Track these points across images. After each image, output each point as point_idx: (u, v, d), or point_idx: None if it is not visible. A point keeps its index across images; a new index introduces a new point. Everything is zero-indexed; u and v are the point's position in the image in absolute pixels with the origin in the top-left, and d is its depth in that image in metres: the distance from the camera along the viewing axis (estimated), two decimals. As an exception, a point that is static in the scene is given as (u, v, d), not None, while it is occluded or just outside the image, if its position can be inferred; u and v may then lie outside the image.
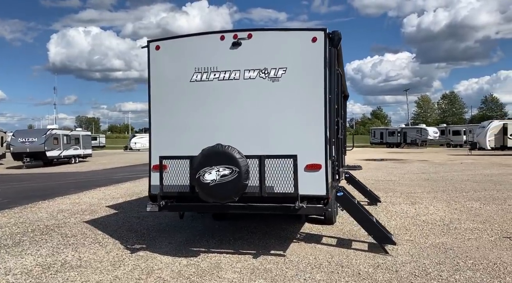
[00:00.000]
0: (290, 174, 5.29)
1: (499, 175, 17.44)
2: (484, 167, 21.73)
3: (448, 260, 5.59)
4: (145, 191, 13.10)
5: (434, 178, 16.52)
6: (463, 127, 59.40)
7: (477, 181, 15.04)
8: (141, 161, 33.53)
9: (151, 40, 6.00)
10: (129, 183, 16.00)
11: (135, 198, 11.89)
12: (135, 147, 65.73)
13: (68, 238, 7.13)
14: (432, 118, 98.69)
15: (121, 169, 24.78)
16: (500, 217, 8.49)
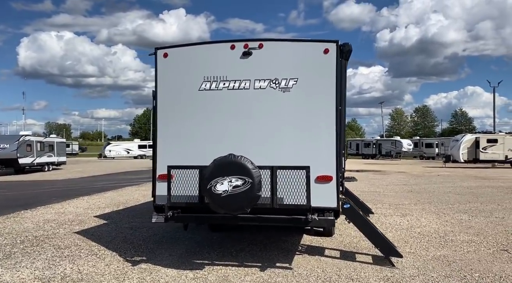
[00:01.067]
0: (302, 185, 5.24)
1: (477, 187, 17.87)
2: (461, 179, 22.25)
3: (454, 273, 5.62)
4: (131, 201, 12.86)
5: (417, 189, 16.79)
6: (436, 140, 60.93)
7: (459, 193, 15.36)
8: (118, 169, 32.90)
9: (158, 48, 5.88)
10: (112, 192, 15.60)
11: (122, 207, 11.58)
12: (110, 154, 64.57)
13: (62, 249, 6.84)
14: (405, 131, 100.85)
15: (99, 178, 24.20)
16: (491, 229, 8.65)
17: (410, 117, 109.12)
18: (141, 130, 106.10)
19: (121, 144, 71.00)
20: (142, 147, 67.07)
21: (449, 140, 53.81)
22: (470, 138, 36.72)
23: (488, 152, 35.80)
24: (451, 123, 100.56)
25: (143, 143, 69.89)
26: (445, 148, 53.96)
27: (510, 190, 16.76)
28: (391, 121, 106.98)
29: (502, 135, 37.76)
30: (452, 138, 43.61)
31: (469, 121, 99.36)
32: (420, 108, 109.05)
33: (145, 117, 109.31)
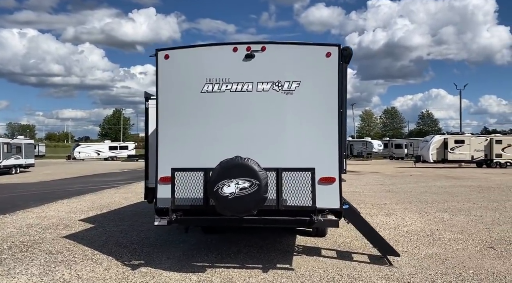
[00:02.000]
0: (308, 187, 5.30)
1: (451, 186, 18.49)
2: (433, 179, 22.95)
3: (450, 271, 5.82)
4: (114, 204, 12.63)
5: (394, 189, 17.21)
6: (405, 141, 62.61)
7: (435, 193, 15.85)
8: (90, 171, 32.17)
9: (160, 49, 5.82)
10: (91, 195, 15.26)
11: (106, 211, 11.36)
12: (79, 156, 62.99)
13: (54, 255, 6.66)
14: (375, 132, 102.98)
15: (73, 180, 23.60)
16: (473, 227, 8.99)
17: (379, 118, 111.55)
18: (111, 132, 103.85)
19: (91, 145, 69.27)
20: (113, 149, 65.80)
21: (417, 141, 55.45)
22: (439, 139, 37.89)
23: (456, 152, 37.05)
24: (418, 125, 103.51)
25: (114, 144, 68.60)
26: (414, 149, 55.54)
27: (481, 189, 17.41)
28: (361, 123, 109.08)
29: (468, 136, 39.18)
30: (421, 139, 44.88)
31: (435, 123, 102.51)
32: (388, 110, 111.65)
33: (114, 118, 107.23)
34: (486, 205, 12.40)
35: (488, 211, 11.32)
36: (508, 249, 7.04)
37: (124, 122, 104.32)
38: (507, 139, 38.17)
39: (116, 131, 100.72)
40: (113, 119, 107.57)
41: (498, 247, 7.21)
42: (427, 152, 37.42)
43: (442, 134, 43.20)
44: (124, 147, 67.16)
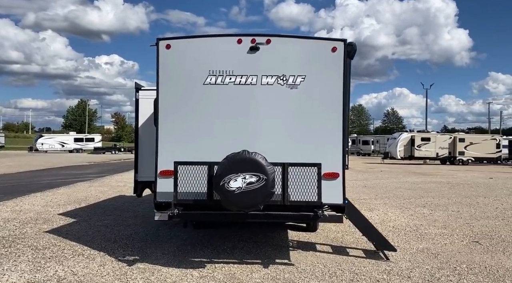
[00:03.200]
0: (313, 182, 5.29)
1: (422, 182, 19.02)
2: (404, 175, 23.57)
3: (444, 265, 5.96)
4: (91, 198, 12.26)
5: (370, 185, 17.54)
6: (371, 137, 64.03)
7: (409, 188, 16.26)
8: (56, 164, 31.14)
9: (161, 38, 5.63)
10: (65, 188, 14.74)
11: (84, 205, 11.00)
12: (42, 148, 60.97)
13: (41, 250, 6.37)
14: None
15: (40, 173, 22.75)
16: (454, 222, 9.26)
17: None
18: (76, 123, 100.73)
19: (55, 136, 67.06)
20: (79, 140, 63.99)
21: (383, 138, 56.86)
22: (406, 136, 38.96)
23: (422, 149, 38.21)
24: (383, 122, 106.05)
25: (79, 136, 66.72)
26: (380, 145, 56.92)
27: (451, 185, 18.02)
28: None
29: (434, 134, 40.49)
30: (390, 137, 45.97)
31: (399, 121, 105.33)
32: (356, 107, 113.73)
33: (79, 109, 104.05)
34: (460, 201, 12.82)
35: (464, 206, 11.70)
36: (492, 244, 7.29)
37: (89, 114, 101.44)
38: (469, 138, 39.69)
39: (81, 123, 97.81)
40: (78, 110, 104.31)
41: (482, 241, 7.45)
42: (395, 148, 38.41)
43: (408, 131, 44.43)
44: (90, 139, 65.43)
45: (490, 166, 37.65)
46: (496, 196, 14.32)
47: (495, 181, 20.60)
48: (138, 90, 7.81)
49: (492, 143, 39.45)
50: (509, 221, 9.55)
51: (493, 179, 21.84)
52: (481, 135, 44.11)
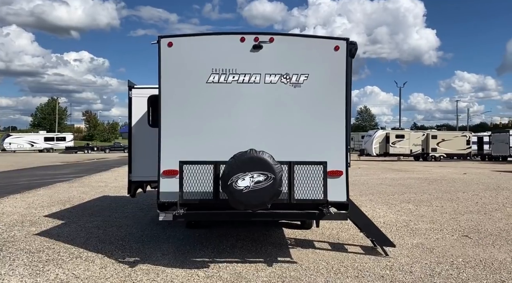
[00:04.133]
0: (319, 180, 5.32)
1: (401, 179, 19.44)
2: (382, 172, 24.01)
3: (442, 259, 6.11)
4: (75, 198, 11.97)
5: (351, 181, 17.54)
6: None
7: (390, 185, 16.59)
8: (28, 164, 30.29)
9: (162, 36, 5.53)
10: (45, 189, 14.34)
11: (69, 206, 10.72)
12: (10, 147, 59.14)
13: (36, 253, 6.19)
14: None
15: (14, 174, 22.07)
16: (440, 217, 9.51)
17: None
18: (45, 121, 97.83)
19: (24, 135, 65.06)
20: (49, 139, 62.31)
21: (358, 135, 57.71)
22: (381, 134, 39.73)
23: (397, 146, 39.04)
24: (357, 120, 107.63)
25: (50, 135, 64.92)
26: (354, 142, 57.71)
27: (429, 181, 18.48)
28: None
29: (408, 131, 41.46)
30: (365, 134, 46.73)
31: (372, 118, 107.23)
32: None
33: (49, 107, 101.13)
34: (441, 196, 13.17)
35: (445, 201, 12.03)
36: (481, 237, 7.52)
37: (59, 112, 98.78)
38: (441, 135, 40.83)
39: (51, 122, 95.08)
40: (47, 109, 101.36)
41: (471, 235, 7.68)
42: (371, 145, 39.11)
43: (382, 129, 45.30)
44: (62, 138, 63.84)
45: (461, 162, 38.85)
46: (473, 190, 14.77)
47: (469, 176, 21.25)
48: (131, 89, 7.67)
49: (463, 139, 40.70)
50: (491, 215, 9.87)
51: (467, 174, 22.52)
52: (452, 133, 45.42)
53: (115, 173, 22.44)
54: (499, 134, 41.20)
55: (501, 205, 11.42)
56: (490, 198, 12.82)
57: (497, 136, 41.06)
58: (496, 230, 8.14)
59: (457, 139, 40.53)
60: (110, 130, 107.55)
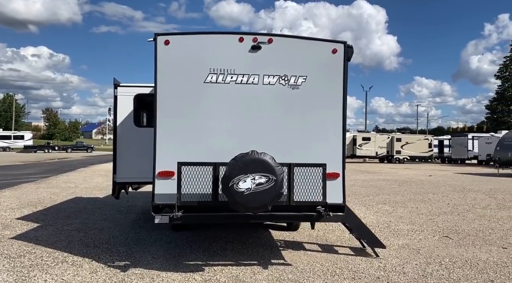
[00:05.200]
0: (319, 182, 5.33)
1: (372, 180, 19.85)
2: (352, 173, 24.41)
3: (430, 260, 6.25)
4: (46, 200, 11.51)
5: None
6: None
7: (363, 186, 16.90)
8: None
9: (159, 34, 5.37)
10: (11, 190, 13.69)
11: (41, 208, 10.28)
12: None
13: (17, 258, 5.87)
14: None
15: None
16: (417, 218, 9.76)
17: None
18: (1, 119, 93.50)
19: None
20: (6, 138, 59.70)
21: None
22: (348, 136, 40.41)
23: (363, 148, 39.90)
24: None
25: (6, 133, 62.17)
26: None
27: (399, 182, 18.96)
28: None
29: (374, 134, 42.44)
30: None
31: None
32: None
33: (5, 104, 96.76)
34: (413, 198, 13.53)
35: (419, 203, 12.36)
36: (461, 238, 7.75)
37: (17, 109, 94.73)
38: (405, 138, 42.04)
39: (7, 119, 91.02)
40: (3, 106, 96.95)
41: (451, 236, 7.91)
42: (338, 147, 39.69)
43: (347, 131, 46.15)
44: (19, 137, 61.32)
45: (423, 164, 40.15)
46: (442, 192, 15.26)
47: (435, 178, 21.97)
48: (116, 87, 7.42)
49: (425, 142, 42.11)
50: (464, 216, 10.22)
51: (432, 176, 23.28)
52: (415, 136, 46.90)
53: (82, 173, 21.75)
54: (459, 138, 42.86)
55: (471, 206, 11.85)
56: (459, 199, 13.28)
57: (456, 140, 42.69)
58: (473, 231, 8.42)
59: (420, 142, 41.88)
60: (72, 129, 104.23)
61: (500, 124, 62.49)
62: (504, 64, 67.62)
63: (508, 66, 66.67)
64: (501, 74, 67.62)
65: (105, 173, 22.30)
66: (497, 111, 66.45)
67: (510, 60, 66.65)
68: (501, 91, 66.54)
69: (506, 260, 6.29)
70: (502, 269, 5.86)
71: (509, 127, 53.81)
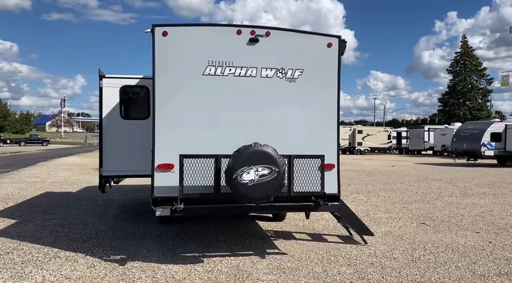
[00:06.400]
0: (317, 173, 5.47)
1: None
2: (317, 165, 24.91)
3: (414, 245, 6.57)
4: (15, 196, 11.15)
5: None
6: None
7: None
8: None
9: (156, 25, 5.30)
10: (-25, 185, 13.04)
11: (13, 204, 9.88)
12: None
13: (5, 255, 5.67)
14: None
15: None
16: (392, 207, 10.17)
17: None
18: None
19: None
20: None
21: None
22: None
23: (326, 140, 40.65)
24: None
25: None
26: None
27: (365, 173, 19.57)
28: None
29: (336, 126, 43.33)
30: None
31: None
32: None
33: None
34: (383, 187, 14.05)
35: (389, 192, 12.86)
36: (436, 224, 8.17)
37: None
38: (366, 130, 43.29)
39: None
40: None
41: (428, 222, 8.33)
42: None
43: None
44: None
45: (383, 155, 41.51)
46: (408, 181, 15.92)
47: (398, 168, 22.83)
48: (102, 78, 7.25)
49: (385, 134, 43.52)
50: (434, 203, 10.75)
51: (395, 166, 24.17)
52: (376, 128, 48.37)
53: (44, 167, 20.98)
54: (415, 130, 44.56)
55: (438, 194, 12.46)
56: (425, 188, 13.91)
57: (413, 132, 44.37)
58: (445, 217, 8.88)
59: (380, 134, 43.24)
60: (24, 122, 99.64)
61: (451, 116, 65.39)
62: (455, 60, 70.62)
63: (459, 61, 69.72)
64: (452, 69, 70.57)
65: (69, 167, 21.64)
66: (449, 104, 69.35)
67: (461, 55, 69.72)
68: (453, 85, 69.50)
69: (482, 244, 6.71)
70: (480, 252, 6.25)
71: (460, 119, 56.57)
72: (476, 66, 69.17)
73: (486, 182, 16.04)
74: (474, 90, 68.41)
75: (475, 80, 69.84)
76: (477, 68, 69.21)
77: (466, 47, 70.33)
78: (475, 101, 68.63)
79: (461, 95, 68.44)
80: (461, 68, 69.62)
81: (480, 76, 69.80)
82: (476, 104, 68.34)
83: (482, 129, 25.92)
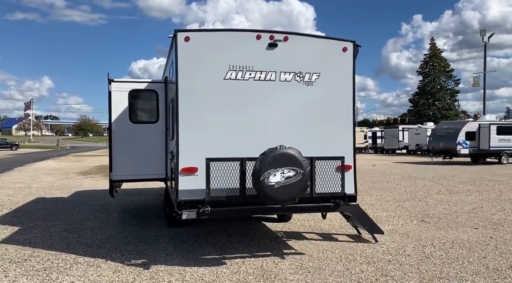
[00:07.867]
0: (337, 174, 5.62)
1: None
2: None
3: (423, 242, 6.81)
4: (6, 202, 10.80)
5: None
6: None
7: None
8: None
9: (179, 30, 5.34)
10: (-40, 193, 12.61)
11: (8, 211, 9.66)
12: None
13: (23, 263, 5.58)
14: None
15: None
16: (388, 205, 10.47)
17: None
18: None
19: None
20: None
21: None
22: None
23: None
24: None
25: None
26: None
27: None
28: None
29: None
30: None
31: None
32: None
33: None
34: (372, 186, 14.40)
35: (380, 191, 13.20)
36: (435, 221, 8.48)
37: None
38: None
39: None
40: None
41: (427, 220, 8.63)
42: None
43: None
44: None
45: (360, 155, 42.18)
46: (394, 180, 16.35)
47: (379, 167, 23.36)
48: (110, 83, 7.20)
49: (361, 134, 44.31)
50: (426, 201, 11.12)
51: (376, 165, 24.71)
52: (350, 128, 48.94)
53: (24, 173, 20.41)
54: (390, 129, 45.59)
55: (426, 192, 12.87)
56: (412, 186, 14.34)
57: (388, 132, 45.40)
58: (441, 215, 9.22)
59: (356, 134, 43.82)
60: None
61: (421, 116, 67.30)
62: (424, 61, 72.68)
63: (428, 62, 71.80)
64: (422, 70, 72.62)
65: (49, 171, 21.14)
66: (419, 105, 71.32)
67: (430, 57, 71.81)
68: (422, 86, 71.50)
69: (484, 239, 7.03)
70: (486, 247, 6.55)
71: (430, 119, 58.22)
72: (444, 67, 71.41)
73: (467, 179, 16.65)
74: (443, 91, 70.64)
75: (443, 81, 72.08)
76: (445, 69, 71.47)
77: (434, 49, 72.50)
78: (444, 101, 70.86)
79: (430, 96, 70.46)
80: (430, 70, 71.70)
81: (448, 77, 72.11)
82: (445, 104, 70.55)
83: (457, 128, 26.82)
